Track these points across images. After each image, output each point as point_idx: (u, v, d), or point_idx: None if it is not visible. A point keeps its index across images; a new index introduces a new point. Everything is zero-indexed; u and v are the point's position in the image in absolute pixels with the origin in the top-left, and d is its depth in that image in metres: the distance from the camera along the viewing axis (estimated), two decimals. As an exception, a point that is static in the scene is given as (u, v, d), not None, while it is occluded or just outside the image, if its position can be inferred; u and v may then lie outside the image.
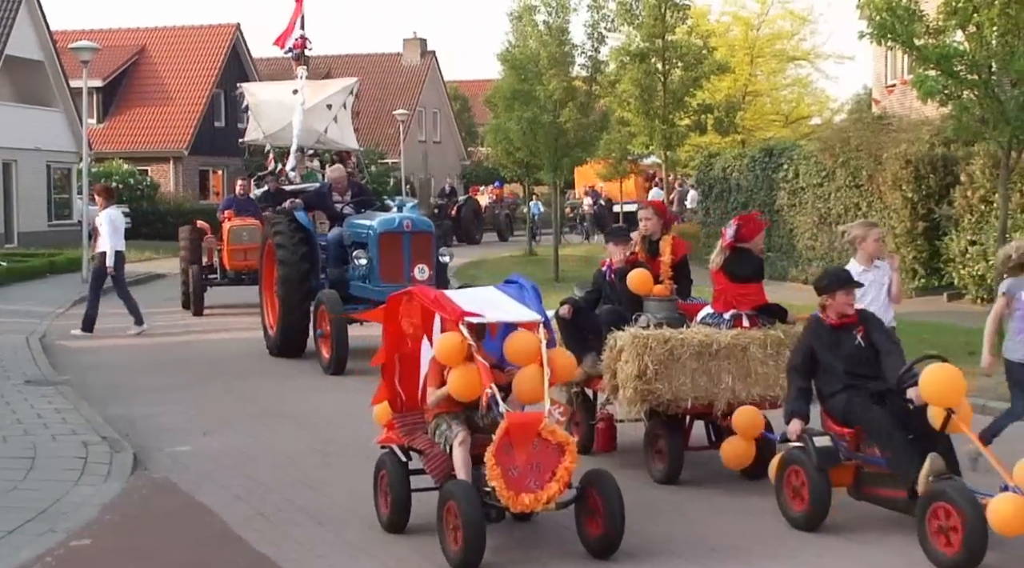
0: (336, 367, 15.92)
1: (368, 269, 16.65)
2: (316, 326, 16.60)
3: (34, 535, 8.51)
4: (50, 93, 44.93)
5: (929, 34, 15.67)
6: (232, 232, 24.23)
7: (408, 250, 16.57)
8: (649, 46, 24.36)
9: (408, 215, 17.16)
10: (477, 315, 8.30)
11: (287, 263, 17.28)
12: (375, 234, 16.65)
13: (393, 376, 9.22)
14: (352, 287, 16.89)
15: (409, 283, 15.38)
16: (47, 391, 14.27)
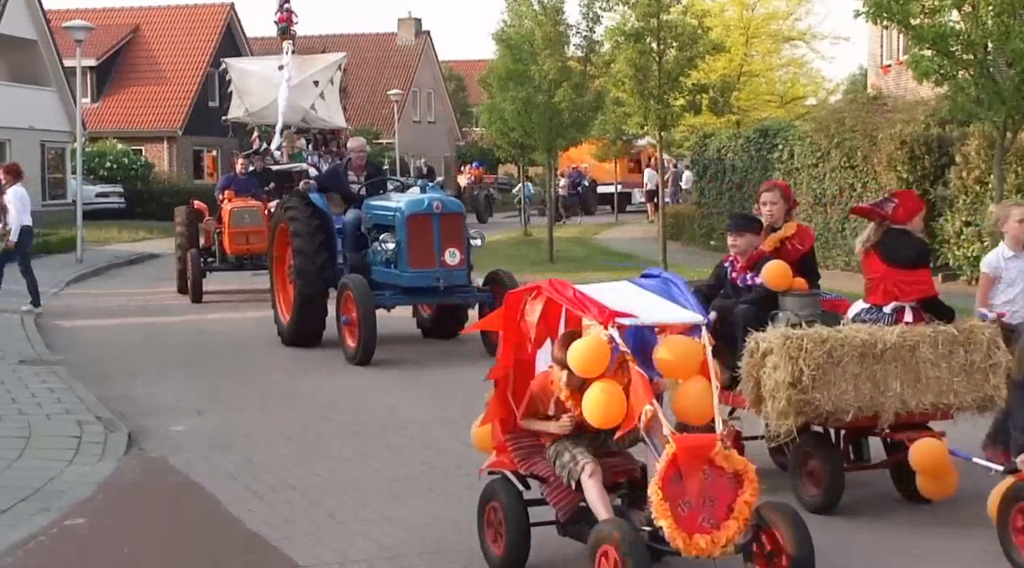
0: (363, 356, 14.94)
1: (395, 253, 15.61)
2: (340, 312, 15.46)
3: (28, 514, 8.52)
4: (44, 72, 44.80)
5: (925, 14, 15.65)
6: (234, 214, 22.82)
7: (438, 233, 15.51)
8: (644, 26, 24.25)
9: (437, 196, 16.13)
10: (630, 315, 6.89)
11: (304, 250, 16.33)
12: (403, 216, 15.54)
13: (507, 390, 7.67)
14: (375, 272, 15.91)
15: (439, 268, 15.35)
16: (41, 371, 14.26)
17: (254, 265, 22.91)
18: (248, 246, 22.66)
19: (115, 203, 48.24)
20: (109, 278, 28.04)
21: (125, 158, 51.23)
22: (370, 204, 16.52)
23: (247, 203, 23.02)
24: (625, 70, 24.21)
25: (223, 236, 22.85)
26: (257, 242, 22.20)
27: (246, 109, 27.16)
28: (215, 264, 23.23)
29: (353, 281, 15.25)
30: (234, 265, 23.28)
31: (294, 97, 26.01)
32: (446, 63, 78.32)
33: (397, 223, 15.64)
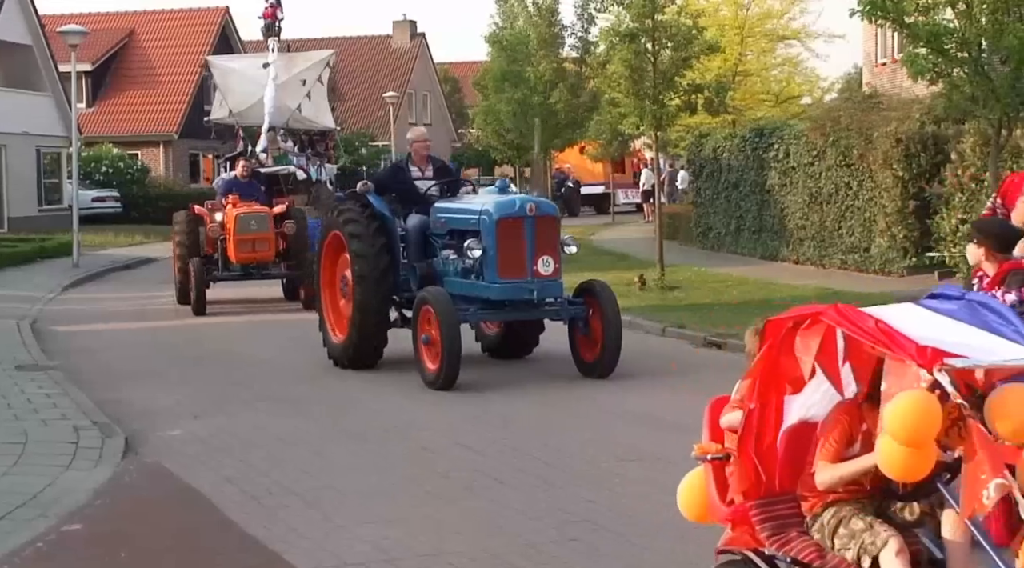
0: (445, 382, 13.10)
1: (479, 263, 13.76)
2: (418, 330, 13.60)
3: (25, 520, 8.50)
4: (39, 77, 44.78)
5: (919, 12, 15.64)
6: (239, 220, 21.10)
7: (531, 239, 13.65)
8: (639, 26, 24.21)
9: (529, 197, 14.53)
10: (960, 356, 4.96)
11: (363, 253, 14.36)
12: (491, 220, 13.64)
13: (751, 440, 5.73)
14: (449, 284, 14.13)
15: (532, 278, 13.63)
16: (37, 376, 14.24)
17: (261, 274, 22.01)
18: (255, 254, 21.34)
19: (111, 208, 48.26)
20: (105, 283, 28.01)
21: (121, 162, 51.25)
22: (442, 207, 14.65)
23: (254, 208, 21.54)
24: (620, 70, 24.19)
25: (228, 243, 21.34)
26: (264, 250, 21.29)
27: (230, 109, 26.37)
28: (219, 273, 21.72)
29: (434, 294, 13.46)
30: (240, 274, 21.86)
31: (280, 96, 25.25)
32: (441, 65, 78.36)
33: (484, 228, 13.75)
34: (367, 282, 14.35)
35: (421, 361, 13.57)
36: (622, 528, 8.20)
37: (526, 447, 10.62)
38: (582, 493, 9.07)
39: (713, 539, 7.94)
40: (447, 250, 14.39)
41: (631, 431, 11.17)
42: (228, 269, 21.68)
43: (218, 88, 26.95)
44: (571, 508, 8.67)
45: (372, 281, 14.37)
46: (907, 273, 23.73)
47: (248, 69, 26.97)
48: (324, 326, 15.43)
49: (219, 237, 21.40)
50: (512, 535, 8.12)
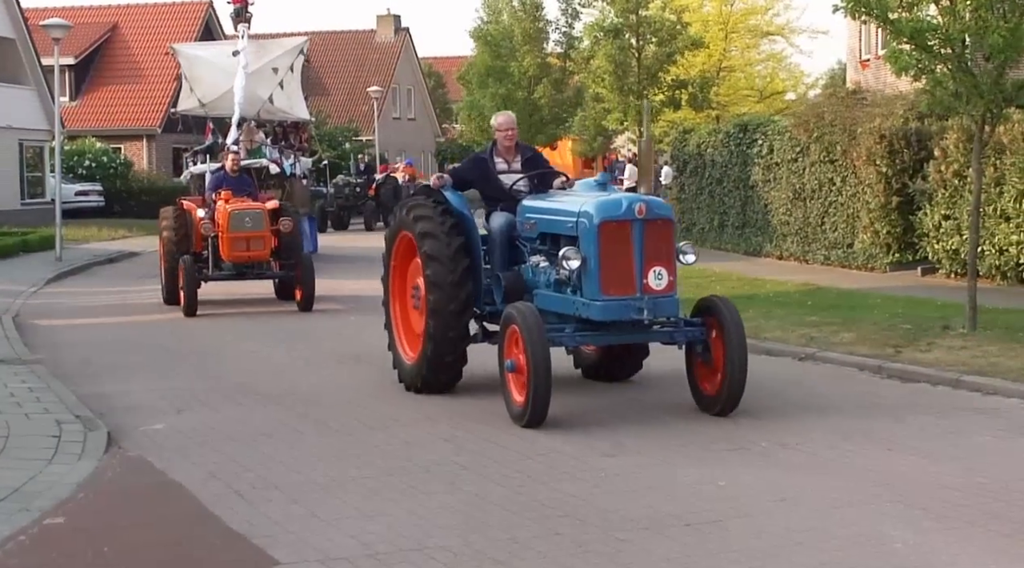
0: (533, 417, 10.93)
1: (579, 275, 11.45)
2: (502, 355, 11.48)
3: (7, 514, 8.47)
4: (22, 71, 44.66)
5: (903, 8, 15.67)
6: (233, 217, 20.18)
7: (641, 246, 11.31)
8: (623, 22, 24.35)
9: (638, 196, 12.13)
10: None
11: (438, 259, 12.34)
12: (592, 224, 11.33)
13: None
14: (539, 299, 11.98)
15: (642, 294, 11.25)
16: (20, 370, 14.20)
17: (255, 274, 21.11)
18: (248, 253, 20.38)
19: (94, 202, 48.18)
20: (88, 277, 27.95)
21: (104, 156, 51.18)
22: (532, 206, 12.53)
23: (248, 205, 20.64)
24: (604, 66, 24.32)
25: (220, 241, 20.37)
26: (258, 248, 20.39)
27: (199, 99, 25.32)
28: (209, 272, 20.71)
29: (522, 312, 11.16)
30: (233, 273, 20.87)
31: (251, 86, 24.14)
32: (425, 60, 78.39)
33: (583, 233, 11.46)
34: (442, 288, 12.30)
35: (507, 391, 11.39)
36: (606, 523, 8.20)
37: (508, 442, 10.62)
38: (565, 488, 9.07)
39: (696, 534, 7.97)
40: (537, 256, 12.24)
41: (614, 426, 11.18)
42: (219, 268, 20.73)
43: (186, 77, 25.82)
44: (554, 503, 8.68)
45: (448, 286, 12.30)
46: (890, 269, 23.83)
47: (217, 57, 25.78)
48: (394, 345, 13.50)
49: (210, 234, 20.48)
50: (495, 529, 8.12)
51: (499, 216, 12.83)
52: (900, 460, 9.76)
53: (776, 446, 10.29)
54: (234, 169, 21.62)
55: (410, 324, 13.31)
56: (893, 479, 9.22)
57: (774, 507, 8.53)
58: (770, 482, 9.07)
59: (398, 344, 13.44)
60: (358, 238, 39.19)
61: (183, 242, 21.17)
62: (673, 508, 8.53)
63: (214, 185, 21.50)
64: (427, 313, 12.48)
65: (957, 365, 13.46)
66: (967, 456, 9.98)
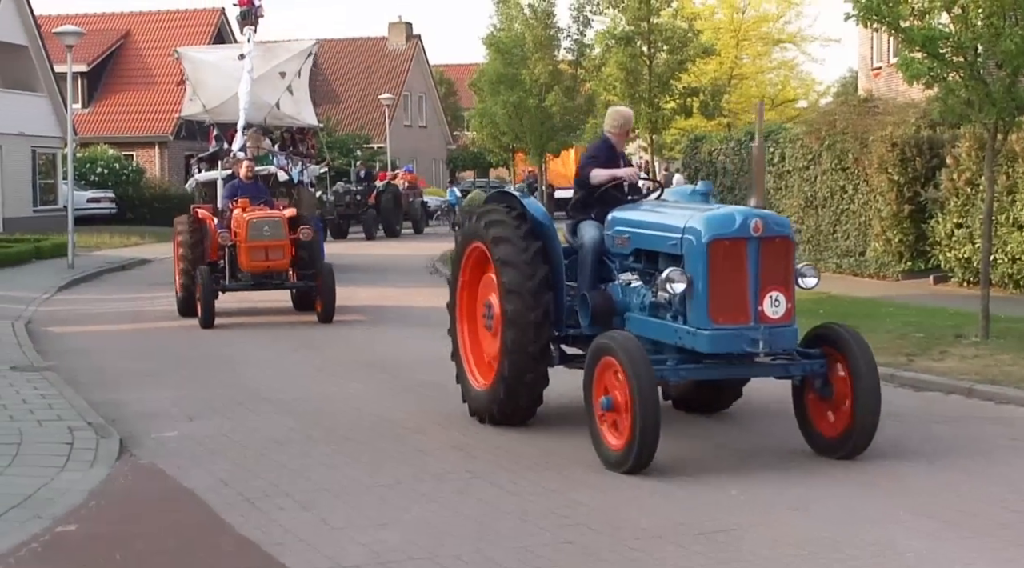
0: (637, 464, 9.52)
1: (683, 300, 10.05)
2: (593, 390, 10.01)
3: (19, 521, 8.49)
4: (35, 78, 44.83)
5: (915, 16, 15.66)
6: (252, 225, 19.50)
7: (756, 268, 9.87)
8: (634, 29, 24.35)
9: (752, 210, 10.35)
10: None
11: (515, 264, 11.01)
12: (700, 242, 9.90)
13: None
14: (632, 323, 10.66)
15: (757, 323, 9.82)
16: (33, 377, 14.22)
17: (274, 284, 20.43)
18: (267, 262, 19.71)
19: (106, 208, 48.30)
20: (100, 284, 27.99)
21: (116, 163, 51.33)
22: (623, 218, 11.12)
23: (266, 213, 19.96)
24: (616, 73, 24.30)
25: (238, 250, 19.77)
26: (278, 258, 19.72)
27: (203, 104, 24.63)
28: (227, 283, 20.11)
29: (622, 344, 9.70)
30: (251, 284, 20.23)
31: (257, 91, 23.35)
32: (437, 67, 78.50)
33: (689, 252, 10.03)
34: (520, 295, 10.94)
35: (598, 432, 9.96)
36: (617, 532, 8.19)
37: (520, 450, 10.61)
38: (577, 496, 9.07)
39: (708, 544, 7.96)
40: (628, 275, 10.97)
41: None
42: (237, 278, 20.13)
43: (190, 82, 24.94)
44: (566, 511, 8.67)
45: (527, 293, 10.91)
46: (902, 277, 23.79)
47: (222, 61, 25.03)
48: (463, 374, 12.15)
49: (228, 244, 19.90)
50: (507, 538, 8.12)
51: (590, 226, 11.32)
52: (912, 469, 9.73)
53: (788, 455, 10.27)
54: (248, 176, 21.04)
55: (481, 349, 11.99)
56: (906, 488, 9.21)
57: (787, 516, 8.52)
58: (783, 491, 9.05)
59: (468, 372, 12.04)
60: (360, 247, 39.01)
61: (199, 251, 20.59)
62: (686, 517, 8.52)
63: (230, 193, 20.85)
64: (504, 325, 11.09)
65: (970, 374, 13.43)
66: (980, 465, 9.96)
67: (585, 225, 11.43)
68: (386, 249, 37.41)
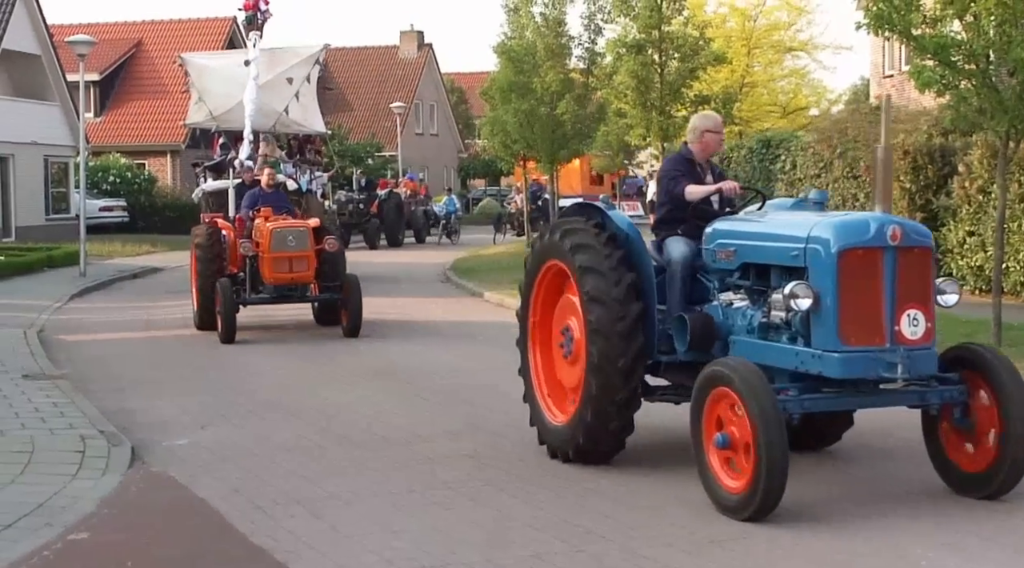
0: (763, 507, 8.40)
1: (808, 318, 8.89)
2: (702, 424, 8.93)
3: (31, 529, 8.50)
4: (47, 87, 44.96)
5: (926, 24, 15.65)
6: (275, 235, 18.86)
7: (893, 283, 8.78)
8: (645, 37, 24.34)
9: (889, 217, 9.34)
10: None
11: (605, 303, 9.84)
12: (830, 251, 8.78)
13: None
14: (741, 346, 9.47)
15: (893, 344, 8.72)
16: (44, 385, 14.25)
17: (299, 297, 19.78)
18: (292, 274, 19.02)
19: (118, 217, 48.42)
20: (112, 292, 28.04)
21: (128, 172, 51.48)
22: (728, 229, 9.98)
23: (290, 222, 19.36)
24: (627, 81, 24.27)
25: (260, 261, 19.09)
26: (303, 270, 19.06)
27: (209, 111, 24.09)
28: (247, 296, 19.40)
29: (741, 372, 8.61)
30: (273, 296, 19.51)
31: (264, 98, 22.81)
32: (448, 75, 78.59)
33: (815, 264, 8.91)
34: (608, 338, 9.80)
35: (711, 472, 8.87)
36: (628, 540, 8.18)
37: (531, 458, 10.61)
38: (589, 504, 9.06)
39: (720, 551, 7.94)
40: (730, 293, 9.84)
41: (639, 443, 11.15)
42: (258, 291, 19.46)
43: (195, 88, 24.34)
44: (578, 520, 8.66)
45: (617, 337, 9.78)
46: (914, 285, 23.71)
47: (227, 67, 24.38)
48: (533, 400, 11.00)
49: (250, 254, 19.20)
50: (518, 546, 8.11)
51: (679, 242, 10.27)
52: (923, 476, 9.69)
53: (799, 463, 10.23)
54: (270, 185, 20.49)
55: (556, 376, 10.83)
56: (916, 495, 9.17)
57: (799, 524, 8.49)
58: (795, 499, 9.01)
59: (544, 408, 10.83)
60: (364, 257, 38.72)
61: (217, 263, 19.76)
62: (697, 525, 8.51)
63: (250, 202, 20.17)
64: (588, 369, 9.94)
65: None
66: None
67: (673, 241, 10.32)
68: (391, 258, 37.35)
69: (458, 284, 28.51)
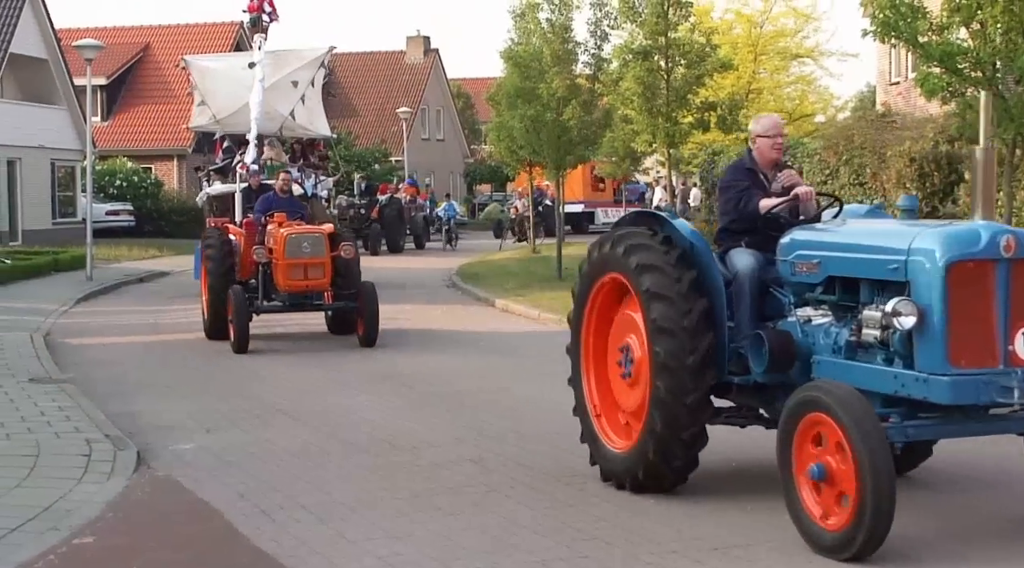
0: (866, 546, 7.69)
1: (910, 337, 8.02)
2: (795, 454, 8.16)
3: (37, 533, 8.52)
4: (54, 91, 45.06)
5: (933, 31, 15.66)
6: (290, 241, 18.37)
7: (1006, 298, 7.94)
8: (652, 44, 24.33)
9: (1003, 227, 8.46)
10: None
11: (667, 297, 9.09)
12: (936, 264, 7.94)
13: None
14: (826, 368, 8.60)
15: (1008, 366, 7.89)
16: (51, 389, 14.27)
17: (314, 305, 19.16)
18: (307, 282, 18.48)
19: (125, 221, 48.48)
20: (119, 296, 28.08)
21: (135, 176, 51.55)
22: (810, 239, 9.08)
23: (305, 228, 18.85)
24: (633, 88, 24.25)
25: (274, 268, 18.61)
26: (318, 277, 18.49)
27: (213, 115, 23.75)
28: (260, 303, 18.81)
29: (838, 396, 7.83)
30: (288, 304, 18.93)
31: (269, 101, 22.35)
32: (455, 81, 78.69)
33: (919, 277, 8.05)
34: (674, 334, 9.02)
35: (804, 508, 8.09)
36: (632, 546, 8.19)
37: (536, 463, 10.62)
38: (593, 510, 9.07)
39: (723, 558, 7.94)
40: (811, 309, 8.99)
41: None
42: (271, 298, 18.92)
43: (198, 91, 23.96)
44: (582, 525, 8.67)
45: (683, 332, 9.00)
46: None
47: (231, 70, 23.96)
48: (587, 420, 10.15)
49: (264, 261, 18.69)
50: (523, 552, 8.12)
51: (746, 254, 9.45)
52: (927, 486, 9.68)
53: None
54: (284, 190, 20.04)
55: (614, 402, 9.97)
56: (922, 505, 9.17)
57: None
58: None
59: (598, 430, 10.00)
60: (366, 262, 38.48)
61: (229, 269, 19.35)
62: (701, 532, 8.51)
63: (264, 207, 19.59)
64: (653, 402, 9.13)
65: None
66: (1002, 485, 9.92)
67: (738, 253, 9.49)
68: (394, 264, 37.29)
69: (464, 290, 28.52)
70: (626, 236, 9.61)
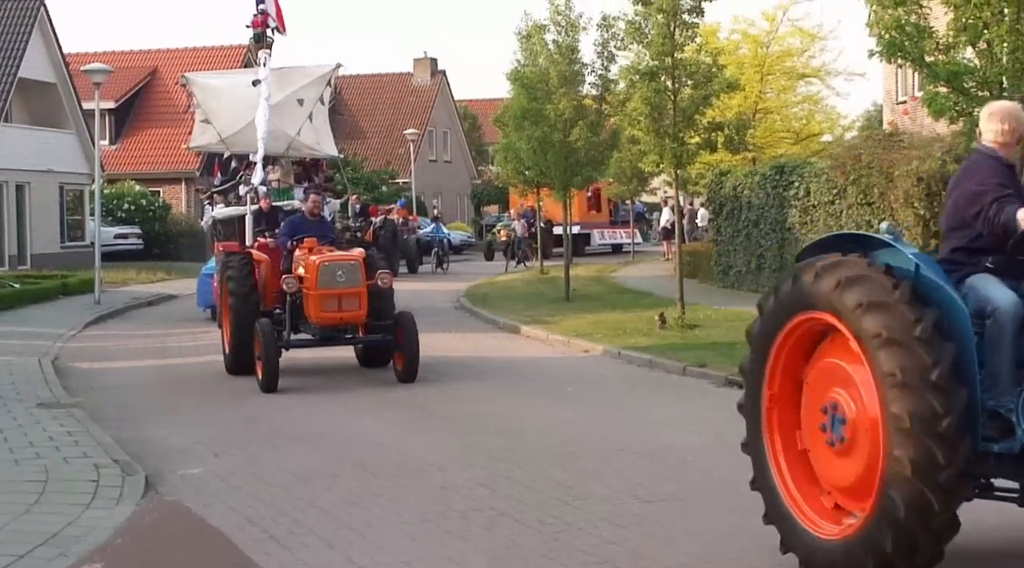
0: None
1: None
2: None
3: (45, 559, 8.50)
4: (63, 115, 45.16)
5: (939, 51, 15.65)
6: (323, 270, 16.70)
7: None
8: (659, 64, 24.30)
9: None
10: None
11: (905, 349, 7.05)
12: None
13: None
14: None
15: None
16: (59, 413, 14.27)
17: (347, 339, 17.74)
18: (341, 313, 16.89)
19: (133, 244, 48.54)
20: (127, 320, 28.08)
21: (143, 199, 51.64)
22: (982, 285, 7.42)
23: (339, 256, 17.17)
24: (640, 108, 24.22)
25: (305, 299, 17.03)
26: (353, 308, 16.88)
27: (217, 133, 22.84)
28: (290, 337, 17.31)
29: None
30: (320, 338, 17.44)
31: (274, 120, 21.52)
32: (461, 102, 78.76)
33: None
34: (916, 391, 6.97)
35: None
36: (642, 569, 8.16)
37: (545, 487, 10.58)
38: (602, 534, 9.04)
39: (734, 581, 7.90)
40: None
41: (653, 472, 11.14)
42: (301, 331, 17.49)
43: (200, 109, 23.09)
44: (591, 549, 8.64)
45: (931, 389, 6.95)
46: (928, 311, 23.65)
47: (235, 87, 23.19)
48: (780, 504, 8.00)
49: (293, 290, 17.13)
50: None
51: (997, 284, 7.39)
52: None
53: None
54: (314, 212, 18.29)
55: (813, 476, 7.87)
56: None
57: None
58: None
59: (794, 511, 7.85)
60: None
61: (255, 300, 17.93)
62: (709, 555, 8.48)
63: (290, 230, 18.04)
64: (890, 481, 7.00)
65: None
66: None
67: (984, 280, 7.43)
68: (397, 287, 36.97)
69: (471, 310, 28.51)
70: (835, 266, 7.53)
